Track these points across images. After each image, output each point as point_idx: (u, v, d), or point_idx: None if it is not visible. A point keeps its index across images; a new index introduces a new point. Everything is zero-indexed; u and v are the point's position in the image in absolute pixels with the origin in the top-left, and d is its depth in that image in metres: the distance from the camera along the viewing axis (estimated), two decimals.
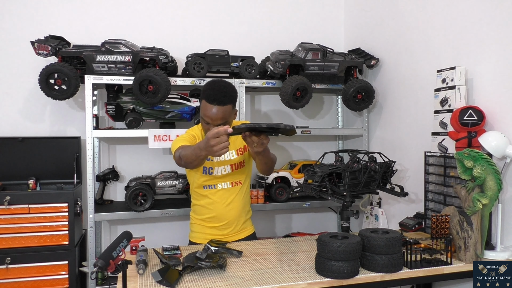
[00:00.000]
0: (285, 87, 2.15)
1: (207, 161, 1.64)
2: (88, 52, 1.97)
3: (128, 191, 2.05)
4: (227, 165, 1.62)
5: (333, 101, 2.79)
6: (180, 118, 2.18)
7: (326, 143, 2.74)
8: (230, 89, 1.52)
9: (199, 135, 1.68)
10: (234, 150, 1.64)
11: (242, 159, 1.64)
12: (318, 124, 2.72)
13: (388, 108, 2.32)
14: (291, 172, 2.35)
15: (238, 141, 1.65)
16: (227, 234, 1.66)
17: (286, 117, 2.66)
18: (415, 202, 2.03)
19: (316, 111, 2.76)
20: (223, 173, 1.62)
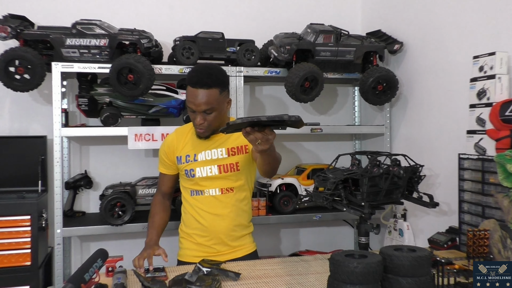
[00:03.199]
0: (291, 77, 2.16)
1: (187, 163, 1.67)
2: (56, 35, 1.96)
3: (104, 201, 2.05)
4: (213, 166, 1.64)
5: (348, 93, 2.79)
6: (166, 113, 2.18)
7: (340, 143, 2.74)
8: (216, 71, 1.55)
9: (183, 135, 1.70)
10: (224, 148, 1.66)
11: (235, 161, 1.65)
12: (331, 120, 2.71)
13: (414, 101, 2.31)
14: (298, 178, 2.35)
15: (231, 139, 1.67)
16: (221, 252, 1.66)
17: (293, 112, 2.66)
18: (448, 214, 2.02)
19: (328, 105, 2.75)
20: (208, 174, 1.64)
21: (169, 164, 1.74)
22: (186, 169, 1.67)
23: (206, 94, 1.50)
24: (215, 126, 1.61)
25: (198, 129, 1.61)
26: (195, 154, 1.67)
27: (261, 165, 1.47)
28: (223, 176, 1.65)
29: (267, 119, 1.17)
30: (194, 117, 1.56)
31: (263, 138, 1.22)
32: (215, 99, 1.52)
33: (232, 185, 1.66)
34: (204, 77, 1.50)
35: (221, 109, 1.57)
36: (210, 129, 1.62)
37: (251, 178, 1.74)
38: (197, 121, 1.56)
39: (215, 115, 1.57)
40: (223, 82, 1.56)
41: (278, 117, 1.16)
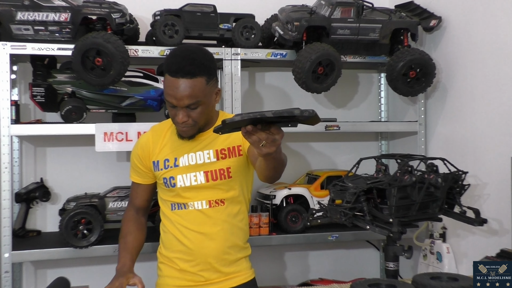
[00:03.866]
0: (301, 61, 2.15)
1: (166, 170, 1.68)
2: (4, 7, 1.94)
3: (65, 217, 2.04)
4: (199, 172, 1.64)
5: (373, 81, 2.78)
6: (143, 107, 2.18)
7: (362, 144, 2.73)
8: (201, 55, 1.55)
9: (161, 134, 1.70)
10: (212, 150, 1.66)
11: (225, 166, 1.65)
12: (351, 116, 2.70)
13: (455, 91, 2.30)
14: (309, 188, 2.34)
15: (220, 138, 1.67)
16: (210, 281, 1.66)
17: (302, 106, 2.60)
18: (499, 233, 2.00)
19: (347, 97, 2.74)
20: (192, 183, 1.65)
21: (144, 171, 1.73)
22: (165, 177, 1.67)
23: (190, 84, 1.50)
24: (201, 123, 1.61)
25: (181, 128, 1.60)
26: (176, 158, 1.67)
27: (263, 169, 1.46)
28: (212, 185, 1.65)
29: (273, 115, 1.14)
30: (174, 114, 1.56)
31: (268, 139, 1.19)
32: (201, 91, 1.52)
33: (223, 196, 1.66)
34: (187, 63, 1.50)
35: (208, 102, 1.57)
36: (195, 128, 1.61)
37: (247, 186, 1.73)
38: (179, 118, 1.55)
39: (201, 110, 1.56)
40: (210, 68, 1.55)
41: (288, 112, 1.12)
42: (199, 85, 1.51)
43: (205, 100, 1.55)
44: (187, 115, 1.56)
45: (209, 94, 1.56)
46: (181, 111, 1.54)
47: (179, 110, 1.54)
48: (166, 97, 1.55)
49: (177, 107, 1.54)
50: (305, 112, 1.13)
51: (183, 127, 1.59)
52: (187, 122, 1.57)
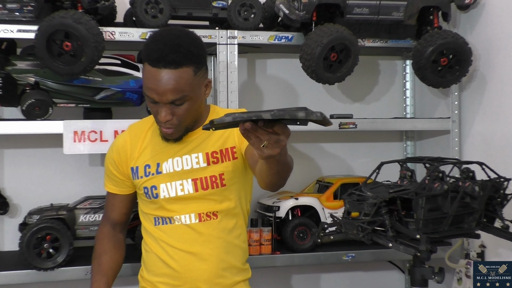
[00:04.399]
0: (310, 46, 2.15)
1: (147, 177, 1.67)
2: None
3: (26, 232, 2.03)
4: (186, 180, 1.65)
5: (396, 70, 2.78)
6: (121, 100, 2.18)
7: (383, 145, 2.74)
8: (188, 40, 1.55)
9: (140, 134, 1.71)
10: (201, 153, 1.66)
11: (218, 171, 1.65)
12: (370, 111, 2.71)
13: (496, 82, 2.30)
14: (320, 197, 2.35)
15: (211, 139, 1.67)
16: None
17: (311, 99, 2.65)
18: None
19: (366, 88, 2.74)
20: (179, 193, 1.65)
21: (121, 180, 1.74)
22: (146, 187, 1.67)
23: (174, 76, 1.50)
24: (188, 122, 1.61)
25: (164, 128, 1.59)
26: (159, 163, 1.67)
27: (265, 175, 1.45)
28: (202, 196, 1.65)
29: (272, 117, 1.12)
30: (156, 111, 1.56)
31: (271, 139, 1.16)
32: (188, 83, 1.52)
33: (215, 208, 1.66)
34: (170, 50, 1.50)
35: (196, 96, 1.57)
36: (181, 128, 1.61)
37: (245, 196, 1.73)
38: (162, 116, 1.54)
39: (188, 107, 1.56)
40: (199, 56, 1.55)
41: (290, 115, 1.10)
42: (186, 77, 1.51)
43: (192, 95, 1.54)
44: (171, 113, 1.55)
45: (198, 87, 1.56)
46: (164, 108, 1.53)
47: (162, 107, 1.53)
48: (145, 91, 1.54)
49: (159, 103, 1.53)
50: (312, 115, 1.10)
51: (166, 127, 1.58)
52: (171, 121, 1.56)
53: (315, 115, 1.11)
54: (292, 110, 1.10)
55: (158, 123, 1.60)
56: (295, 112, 1.10)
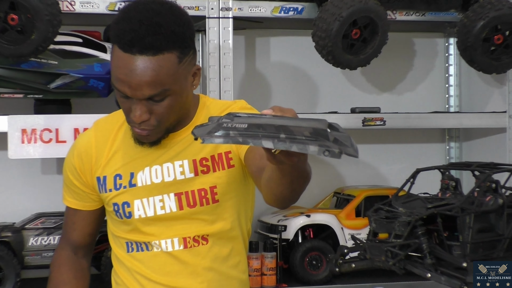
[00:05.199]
0: (326, 20, 2.17)
1: (118, 191, 1.64)
2: None
3: None
4: (167, 195, 1.63)
5: (436, 50, 2.78)
6: (83, 90, 2.18)
7: (420, 147, 2.74)
8: (170, 17, 1.51)
9: (109, 135, 1.69)
10: (187, 160, 1.64)
11: (209, 184, 1.63)
12: (403, 103, 2.71)
13: None
14: (338, 214, 2.35)
15: (199, 144, 1.58)
16: None
17: (327, 89, 2.65)
18: None
19: (397, 75, 2.75)
20: (158, 211, 1.63)
21: (84, 192, 1.71)
22: (116, 203, 1.64)
23: (152, 65, 1.46)
24: (170, 122, 1.57)
25: (138, 130, 1.58)
26: (132, 173, 1.64)
27: (275, 184, 1.41)
28: (188, 215, 1.62)
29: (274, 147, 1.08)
30: (128, 108, 1.52)
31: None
32: (171, 74, 1.48)
33: (205, 230, 1.64)
34: (148, 31, 1.46)
35: (181, 89, 1.53)
36: (161, 129, 1.57)
37: (245, 213, 1.71)
38: (136, 116, 1.51)
39: (171, 103, 1.52)
40: (185, 38, 1.52)
41: (299, 146, 1.06)
42: (168, 66, 1.47)
43: (176, 88, 1.51)
44: (148, 111, 1.52)
45: (183, 77, 1.53)
46: (139, 105, 1.51)
47: (136, 103, 1.50)
48: (115, 82, 1.50)
49: (132, 99, 1.51)
50: (329, 150, 1.04)
51: (142, 129, 1.57)
52: (149, 122, 1.53)
53: (333, 151, 1.05)
54: (304, 137, 1.06)
55: (130, 123, 1.59)
56: (307, 145, 1.06)
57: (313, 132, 1.03)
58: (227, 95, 2.20)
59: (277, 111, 1.12)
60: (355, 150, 1.04)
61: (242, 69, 2.58)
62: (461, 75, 2.74)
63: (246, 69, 2.59)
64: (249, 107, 1.67)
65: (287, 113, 1.11)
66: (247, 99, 1.85)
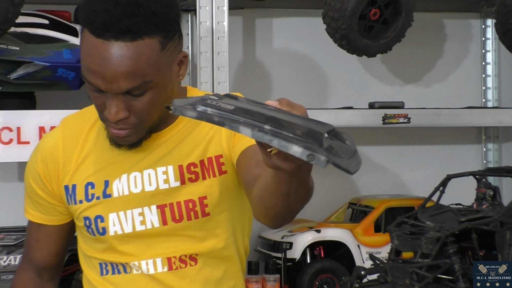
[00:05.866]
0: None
1: (89, 202, 1.64)
2: None
3: None
4: (149, 207, 1.63)
5: (471, 34, 2.80)
6: (50, 81, 2.20)
7: (452, 149, 2.76)
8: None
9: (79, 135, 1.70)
10: (172, 165, 1.64)
11: (198, 194, 1.63)
12: (431, 97, 2.73)
13: None
14: (354, 229, 2.37)
15: (188, 145, 1.65)
16: None
17: (340, 80, 2.67)
18: None
19: (424, 63, 2.77)
20: (137, 227, 1.64)
21: (50, 204, 1.72)
22: (88, 217, 1.64)
23: (131, 53, 1.46)
24: (153, 120, 1.57)
25: (115, 130, 1.58)
26: (107, 181, 1.65)
27: (268, 195, 1.41)
28: (173, 231, 1.62)
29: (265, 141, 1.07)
30: (102, 104, 1.52)
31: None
32: (152, 63, 1.48)
33: (194, 249, 1.64)
34: (124, 12, 1.46)
35: (165, 81, 1.52)
36: (142, 129, 1.57)
37: (241, 228, 1.71)
38: (112, 113, 1.50)
39: (153, 98, 1.52)
40: (168, 20, 1.52)
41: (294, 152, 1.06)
42: (148, 53, 1.46)
43: (159, 79, 1.50)
44: (126, 108, 1.52)
45: (167, 66, 1.52)
46: (115, 101, 1.50)
47: (111, 98, 1.50)
48: (86, 74, 1.51)
49: (106, 94, 1.52)
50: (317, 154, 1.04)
51: (119, 129, 1.57)
52: (127, 120, 1.53)
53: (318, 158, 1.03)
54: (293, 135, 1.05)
55: (105, 122, 1.59)
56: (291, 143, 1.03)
57: (306, 133, 1.03)
58: (221, 87, 2.20)
59: (284, 105, 1.11)
60: (352, 166, 1.03)
61: (239, 56, 2.59)
62: (500, 63, 2.76)
63: (244, 57, 2.60)
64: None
65: (295, 110, 1.10)
66: (245, 92, 1.85)
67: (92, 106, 1.74)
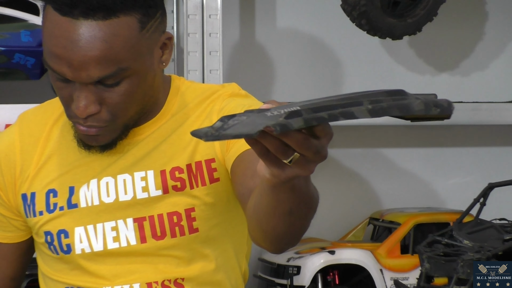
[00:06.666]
0: None
1: (51, 214, 1.66)
2: None
3: None
4: (123, 220, 1.65)
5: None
6: (4, 69, 2.23)
7: (494, 151, 2.79)
8: None
9: (40, 133, 1.72)
10: (153, 169, 1.65)
11: (184, 205, 1.64)
12: (469, 89, 2.75)
13: None
14: (376, 249, 2.40)
15: (173, 145, 1.68)
16: None
17: (359, 68, 2.70)
18: None
19: (461, 49, 2.80)
20: (110, 245, 1.65)
21: (4, 217, 1.73)
22: (49, 231, 1.65)
23: (103, 34, 1.46)
24: (130, 115, 1.59)
25: (83, 127, 1.58)
26: (72, 187, 1.67)
27: (266, 216, 1.37)
28: (154, 250, 1.64)
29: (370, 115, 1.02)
30: (68, 96, 1.53)
31: (310, 148, 1.12)
32: (129, 46, 1.49)
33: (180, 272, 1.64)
34: None
35: (145, 68, 1.54)
36: (117, 126, 1.58)
37: (237, 248, 1.73)
38: (80, 107, 1.51)
39: (130, 88, 1.53)
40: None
41: (396, 103, 1.02)
42: (125, 34, 1.49)
43: (137, 66, 1.51)
44: (98, 101, 1.52)
45: (147, 50, 1.53)
46: (84, 92, 1.51)
47: (80, 90, 1.50)
48: (48, 60, 1.51)
49: (73, 83, 1.52)
50: (429, 103, 1.04)
51: (88, 127, 1.58)
52: (98, 116, 1.54)
53: (441, 104, 1.03)
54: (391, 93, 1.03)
55: (72, 118, 1.60)
56: (410, 101, 1.02)
57: (390, 93, 0.96)
58: (213, 77, 2.21)
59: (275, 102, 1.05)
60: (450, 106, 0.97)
61: (235, 38, 2.61)
62: None
63: (241, 39, 2.62)
64: (244, 94, 1.68)
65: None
66: (242, 82, 1.86)
67: (56, 99, 1.74)
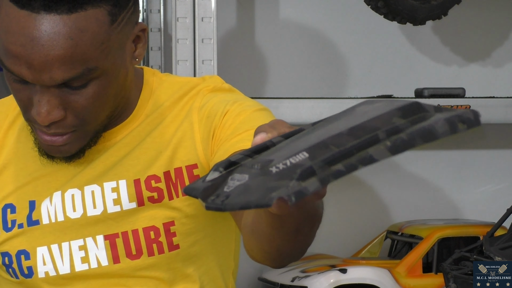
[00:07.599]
0: None
1: (8, 233, 1.73)
2: None
3: None
4: (93, 238, 1.69)
5: None
6: None
7: None
8: None
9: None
10: (125, 178, 1.69)
11: (162, 219, 1.70)
12: (501, 83, 2.78)
13: None
14: (394, 267, 2.43)
15: (149, 150, 1.71)
16: None
17: (376, 61, 2.70)
18: None
19: (492, 36, 2.79)
20: (78, 266, 1.69)
21: None
22: (7, 252, 1.73)
23: (68, 30, 1.52)
24: (101, 120, 1.61)
25: (46, 136, 1.59)
26: (33, 201, 1.72)
27: (267, 238, 1.40)
28: (128, 271, 1.70)
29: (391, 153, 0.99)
30: (28, 100, 1.55)
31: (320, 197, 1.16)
32: (98, 43, 1.55)
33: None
34: None
35: (116, 67, 1.58)
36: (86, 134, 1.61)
37: (223, 265, 1.78)
38: (42, 113, 1.52)
39: (100, 89, 1.56)
40: None
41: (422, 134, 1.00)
42: (93, 29, 1.52)
43: (107, 64, 1.55)
44: (62, 105, 1.53)
45: (119, 46, 1.58)
46: (47, 95, 1.50)
47: (41, 93, 1.50)
48: (4, 59, 1.55)
49: (34, 86, 1.54)
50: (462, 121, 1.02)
51: (52, 136, 1.58)
52: (64, 123, 1.54)
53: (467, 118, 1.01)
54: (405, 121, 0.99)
55: (33, 124, 1.60)
56: (431, 123, 0.99)
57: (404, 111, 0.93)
58: (206, 68, 2.20)
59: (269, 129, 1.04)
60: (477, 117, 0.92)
61: (232, 24, 2.61)
62: None
63: (238, 26, 2.62)
64: (228, 88, 1.69)
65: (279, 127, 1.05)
66: (239, 74, 1.85)
67: (10, 97, 1.74)
